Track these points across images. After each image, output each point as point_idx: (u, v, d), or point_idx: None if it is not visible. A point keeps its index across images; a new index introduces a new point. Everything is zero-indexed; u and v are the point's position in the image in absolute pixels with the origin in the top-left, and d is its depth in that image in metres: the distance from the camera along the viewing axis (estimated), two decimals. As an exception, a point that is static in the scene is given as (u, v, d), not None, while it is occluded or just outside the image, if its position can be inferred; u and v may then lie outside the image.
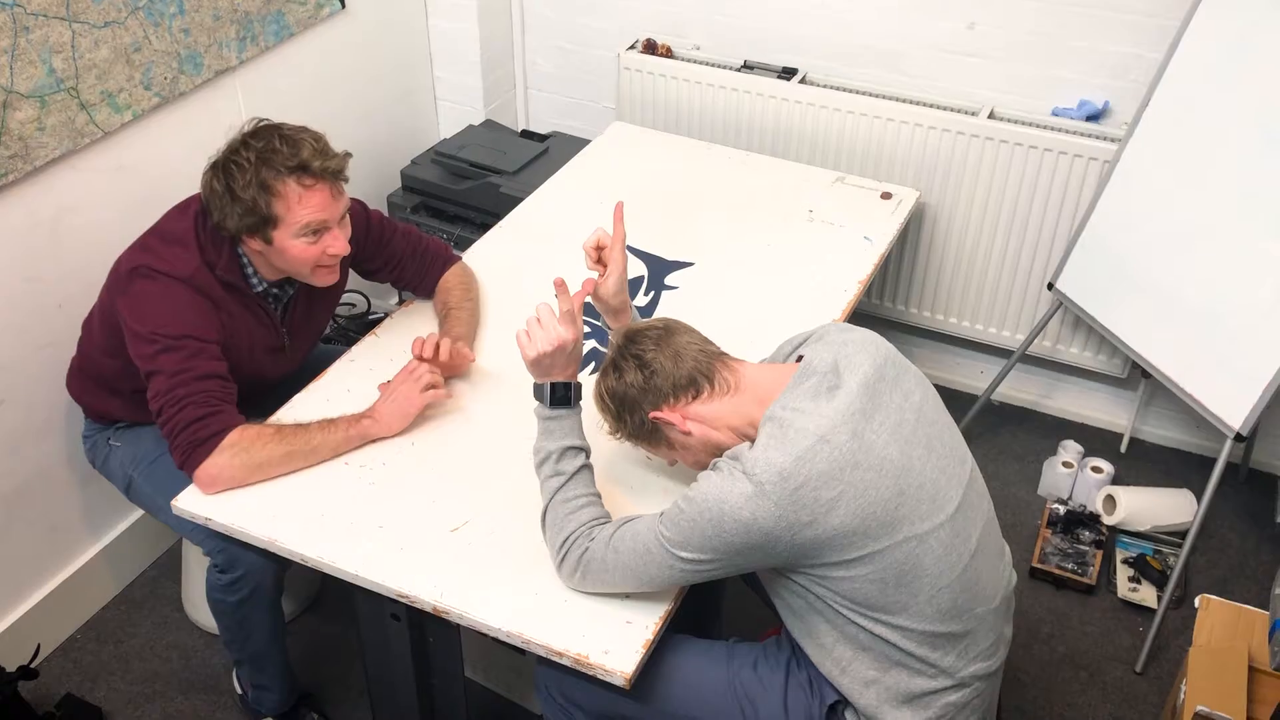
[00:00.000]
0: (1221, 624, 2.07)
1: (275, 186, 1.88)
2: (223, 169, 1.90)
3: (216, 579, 2.08)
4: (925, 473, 1.55)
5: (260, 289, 2.05)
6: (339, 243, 1.98)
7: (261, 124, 1.95)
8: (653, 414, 1.65)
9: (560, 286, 1.75)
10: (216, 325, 1.96)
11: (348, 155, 1.97)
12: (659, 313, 2.28)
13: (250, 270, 2.03)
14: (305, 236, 1.93)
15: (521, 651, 1.66)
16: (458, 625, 1.70)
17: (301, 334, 2.19)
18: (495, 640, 1.67)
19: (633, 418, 1.68)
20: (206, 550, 2.06)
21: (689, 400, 1.64)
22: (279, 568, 2.10)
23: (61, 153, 2.22)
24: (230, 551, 2.02)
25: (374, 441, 1.96)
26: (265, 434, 1.89)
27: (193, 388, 1.87)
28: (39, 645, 2.39)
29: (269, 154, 1.88)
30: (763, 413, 1.57)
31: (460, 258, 2.37)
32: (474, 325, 2.24)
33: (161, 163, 2.45)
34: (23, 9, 2.06)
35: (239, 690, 2.40)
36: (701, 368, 1.65)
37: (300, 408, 2.03)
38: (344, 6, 2.87)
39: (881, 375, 1.60)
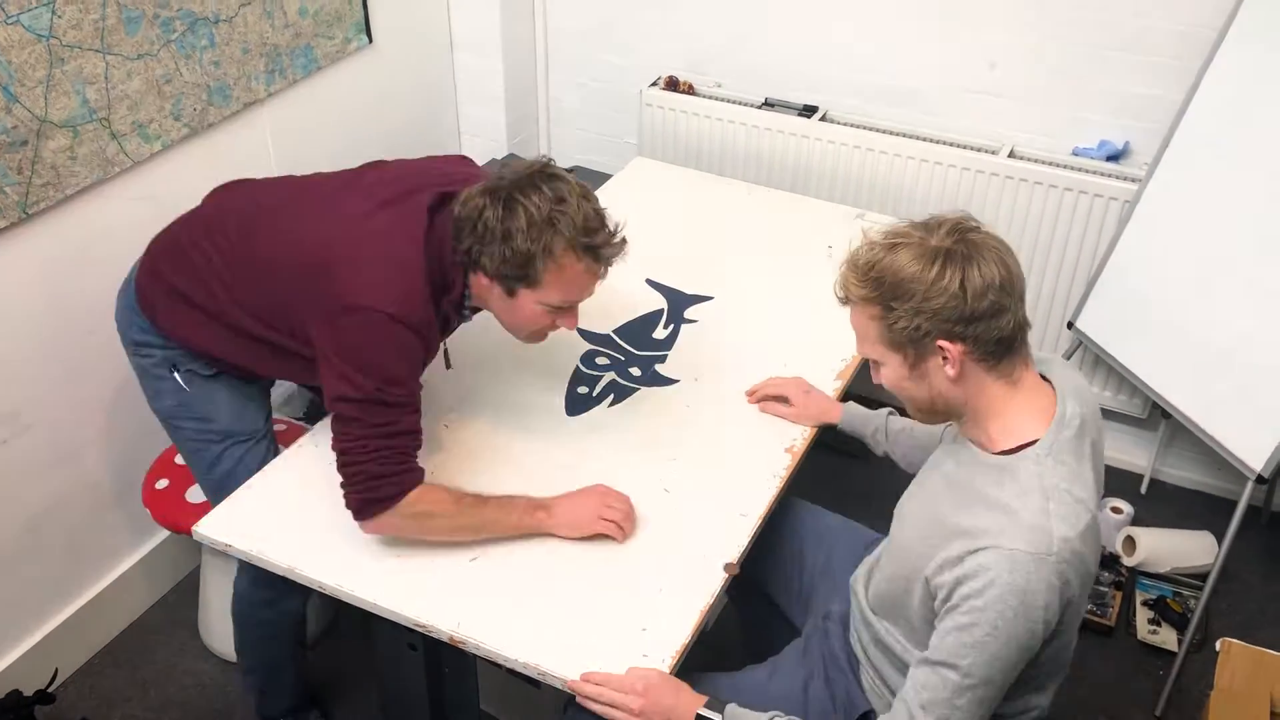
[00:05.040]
0: (1243, 668, 2.05)
1: (559, 255, 1.69)
2: (505, 204, 1.69)
3: (254, 594, 2.09)
4: None
5: (468, 318, 1.92)
6: (573, 320, 1.83)
7: (552, 167, 1.75)
8: (943, 340, 1.42)
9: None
10: (422, 369, 1.81)
11: (625, 241, 1.79)
12: (679, 345, 2.29)
13: (468, 297, 1.85)
14: (551, 307, 1.78)
15: (536, 684, 1.66)
16: (474, 656, 1.70)
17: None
18: (509, 672, 1.67)
19: (910, 323, 1.41)
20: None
21: (975, 357, 1.43)
22: None
23: (92, 181, 2.26)
24: None
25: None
26: (441, 501, 1.77)
27: (388, 443, 1.73)
28: (56, 669, 2.41)
29: (563, 215, 1.68)
30: (1015, 431, 1.47)
31: None
32: None
33: (190, 192, 2.45)
34: (59, 40, 2.11)
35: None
36: (1014, 346, 1.44)
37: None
38: (371, 41, 2.91)
39: (1096, 446, 1.53)
